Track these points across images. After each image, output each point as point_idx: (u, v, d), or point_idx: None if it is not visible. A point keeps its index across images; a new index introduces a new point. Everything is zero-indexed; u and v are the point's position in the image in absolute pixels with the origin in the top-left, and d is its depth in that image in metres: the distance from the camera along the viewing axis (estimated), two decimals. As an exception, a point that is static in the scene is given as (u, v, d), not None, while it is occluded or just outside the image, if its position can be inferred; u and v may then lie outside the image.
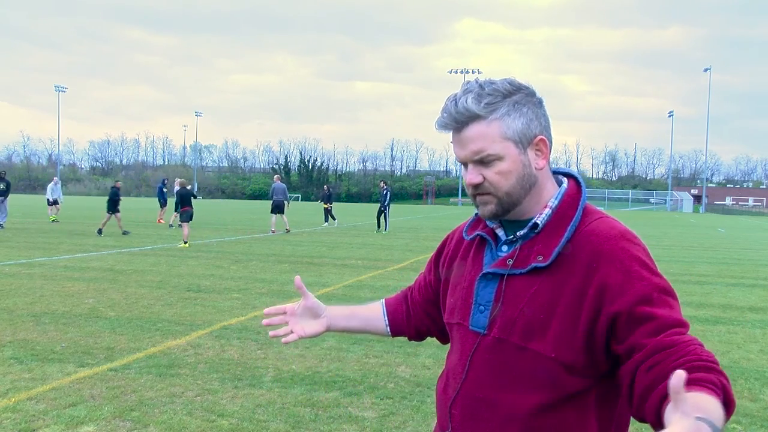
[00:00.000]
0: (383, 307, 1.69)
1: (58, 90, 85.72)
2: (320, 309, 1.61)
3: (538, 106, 1.31)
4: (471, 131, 1.27)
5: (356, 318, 1.66)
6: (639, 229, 28.32)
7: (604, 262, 1.22)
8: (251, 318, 7.18)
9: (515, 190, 1.29)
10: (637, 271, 1.21)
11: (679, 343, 1.14)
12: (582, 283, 1.22)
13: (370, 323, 1.66)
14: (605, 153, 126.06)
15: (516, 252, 1.31)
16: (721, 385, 1.07)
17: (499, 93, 1.27)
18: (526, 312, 1.26)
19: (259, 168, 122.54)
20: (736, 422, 4.29)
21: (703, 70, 79.28)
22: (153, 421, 4.05)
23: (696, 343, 1.15)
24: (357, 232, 22.57)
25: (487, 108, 1.26)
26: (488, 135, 1.26)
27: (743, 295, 9.94)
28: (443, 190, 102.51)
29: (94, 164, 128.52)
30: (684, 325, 1.18)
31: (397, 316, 1.66)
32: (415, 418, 4.23)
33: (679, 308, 1.22)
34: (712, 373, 1.09)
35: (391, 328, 1.66)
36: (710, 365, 1.11)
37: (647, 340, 1.16)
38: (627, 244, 1.25)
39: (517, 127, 1.27)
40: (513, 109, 1.27)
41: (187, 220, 15.44)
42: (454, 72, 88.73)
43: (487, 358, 1.30)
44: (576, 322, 1.22)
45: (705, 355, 1.13)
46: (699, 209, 77.19)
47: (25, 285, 9.06)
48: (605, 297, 1.20)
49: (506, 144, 1.27)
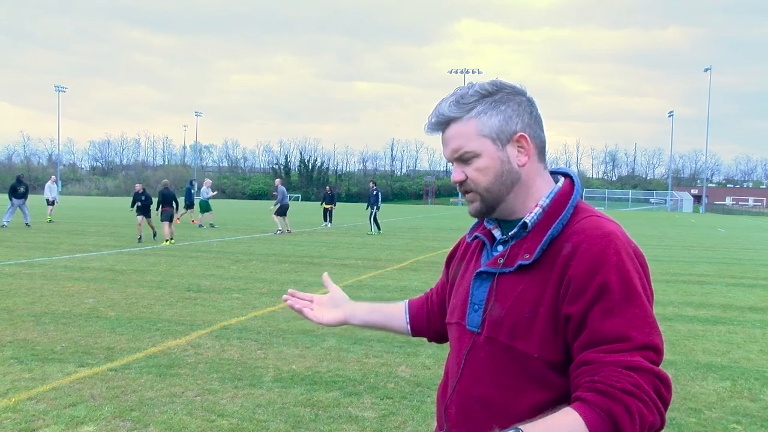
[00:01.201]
0: (406, 307, 1.71)
1: (58, 90, 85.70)
2: (342, 300, 1.66)
3: (520, 105, 1.32)
4: (450, 131, 1.33)
5: (378, 312, 1.68)
6: (639, 229, 28.34)
7: (577, 260, 1.21)
8: (251, 318, 7.18)
9: (494, 187, 1.31)
10: (602, 273, 1.18)
11: (596, 363, 1.13)
12: (559, 280, 1.23)
13: (391, 320, 1.68)
14: (605, 153, 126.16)
15: (507, 251, 1.33)
16: (607, 409, 1.08)
17: (479, 93, 1.31)
18: (513, 311, 1.26)
19: (259, 168, 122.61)
20: (736, 422, 4.30)
21: (703, 70, 79.32)
22: (153, 421, 4.05)
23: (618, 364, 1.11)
24: (357, 232, 22.56)
25: (462, 108, 1.31)
26: (464, 133, 1.31)
27: (743, 295, 9.94)
28: (443, 190, 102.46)
29: (94, 164, 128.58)
30: (627, 340, 1.13)
31: (418, 317, 1.68)
32: (415, 418, 4.23)
33: (643, 318, 1.16)
34: (604, 397, 1.09)
35: (412, 328, 1.68)
36: (608, 390, 1.09)
37: (579, 351, 1.18)
38: (605, 244, 1.21)
39: (493, 124, 1.30)
40: (490, 107, 1.31)
41: (166, 220, 16.24)
42: (454, 72, 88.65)
43: (480, 356, 1.31)
44: (556, 320, 1.22)
45: (611, 380, 1.10)
46: (699, 209, 77.19)
47: (25, 285, 9.06)
48: (568, 295, 1.20)
49: (483, 141, 1.30)
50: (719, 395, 4.86)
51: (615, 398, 1.08)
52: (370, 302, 1.72)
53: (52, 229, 20.14)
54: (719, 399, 4.78)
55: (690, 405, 4.60)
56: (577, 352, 1.18)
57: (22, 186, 20.07)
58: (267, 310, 7.69)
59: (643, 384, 1.10)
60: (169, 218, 16.31)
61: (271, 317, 7.25)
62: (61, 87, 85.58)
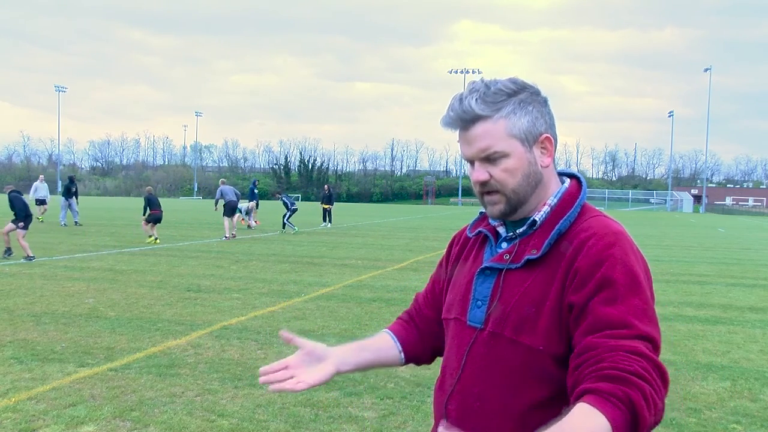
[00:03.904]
0: (391, 334, 1.56)
1: (58, 90, 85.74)
2: (323, 351, 1.42)
3: (543, 105, 1.33)
4: (477, 129, 1.29)
5: (366, 350, 1.51)
6: (639, 229, 28.33)
7: (584, 253, 1.22)
8: (251, 318, 7.18)
9: (521, 188, 1.31)
10: (607, 265, 1.19)
11: (600, 347, 1.11)
12: (565, 275, 1.24)
13: (381, 353, 1.52)
14: (605, 153, 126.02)
15: (515, 248, 1.33)
16: (625, 397, 1.02)
17: (504, 92, 1.28)
18: (519, 306, 1.27)
19: (259, 168, 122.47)
20: (736, 422, 4.30)
21: (703, 70, 79.27)
22: (153, 421, 4.05)
23: (624, 349, 1.09)
24: (357, 232, 22.57)
25: (492, 107, 1.27)
26: (494, 133, 1.28)
27: (743, 295, 9.93)
28: (443, 190, 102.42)
29: (94, 164, 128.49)
30: (629, 327, 1.13)
31: (409, 341, 1.55)
32: (415, 418, 4.23)
33: (644, 310, 1.17)
34: (621, 384, 1.04)
35: (405, 354, 1.54)
36: (621, 375, 1.05)
37: (581, 338, 1.15)
38: (612, 240, 1.24)
39: (522, 125, 1.29)
40: (518, 107, 1.29)
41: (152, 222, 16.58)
42: (454, 72, 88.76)
43: (483, 353, 1.30)
44: (561, 314, 1.23)
45: (622, 364, 1.06)
46: (699, 209, 77.14)
47: (25, 285, 9.06)
48: (572, 286, 1.21)
49: (512, 142, 1.29)
50: (719, 395, 4.86)
51: (630, 383, 1.04)
52: (351, 342, 1.53)
53: (52, 229, 20.13)
54: (719, 399, 4.77)
55: (690, 405, 4.60)
56: (578, 339, 1.17)
57: (74, 186, 21.47)
58: (267, 310, 7.69)
59: (650, 369, 1.08)
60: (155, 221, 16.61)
61: (271, 317, 7.25)
62: (61, 87, 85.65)
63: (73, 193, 21.46)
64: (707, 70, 77.50)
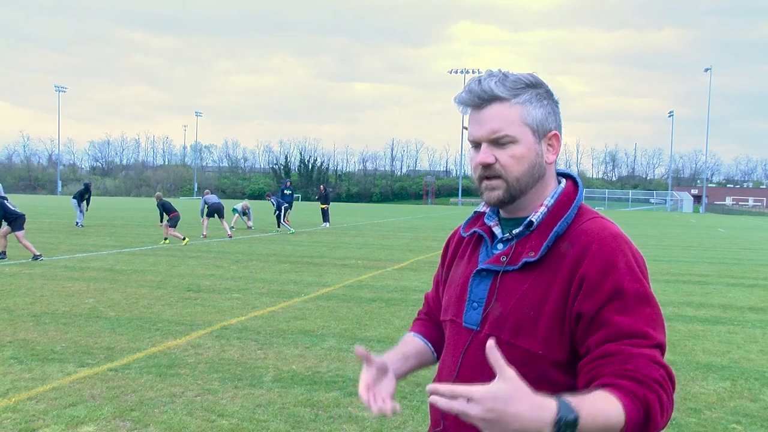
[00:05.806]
0: (420, 337, 1.59)
1: (58, 90, 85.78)
2: (383, 364, 1.43)
3: (555, 105, 1.35)
4: (491, 110, 1.29)
5: (410, 358, 1.53)
6: (639, 229, 28.33)
7: (589, 259, 1.23)
8: (251, 318, 7.18)
9: (525, 177, 1.30)
10: (616, 274, 1.20)
11: (623, 353, 1.14)
12: (568, 280, 1.23)
13: (421, 358, 1.56)
14: (605, 153, 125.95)
15: (511, 249, 1.32)
16: (643, 398, 1.07)
17: (523, 82, 1.30)
18: (517, 309, 1.27)
19: (259, 168, 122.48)
20: (736, 422, 4.30)
21: (703, 70, 79.40)
22: (153, 421, 4.05)
23: (646, 357, 1.13)
24: (357, 232, 22.56)
25: (511, 92, 1.28)
26: (508, 116, 1.28)
27: (743, 295, 9.93)
28: (443, 190, 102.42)
29: (94, 164, 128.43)
30: (647, 337, 1.16)
31: (436, 338, 1.59)
32: (415, 418, 4.23)
33: (656, 319, 1.20)
34: (640, 385, 1.09)
35: (437, 352, 1.57)
36: (644, 379, 1.10)
37: (598, 345, 1.17)
38: (615, 246, 1.24)
39: (537, 115, 1.30)
40: (535, 98, 1.30)
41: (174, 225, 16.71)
42: (454, 72, 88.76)
43: (478, 355, 1.30)
44: (563, 319, 1.23)
45: (645, 370, 1.11)
46: (699, 209, 77.18)
47: (25, 285, 9.06)
48: (580, 293, 1.21)
49: (524, 129, 1.29)
50: (719, 395, 4.86)
51: (650, 388, 1.09)
52: (392, 350, 1.53)
53: (52, 229, 20.14)
54: (719, 399, 4.77)
55: (690, 405, 4.60)
56: (595, 346, 1.18)
57: (88, 193, 22.49)
58: (267, 310, 7.69)
59: (668, 379, 1.14)
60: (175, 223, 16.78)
61: (271, 317, 7.25)
62: (61, 87, 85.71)
63: (86, 198, 22.29)
64: (707, 71, 77.57)
